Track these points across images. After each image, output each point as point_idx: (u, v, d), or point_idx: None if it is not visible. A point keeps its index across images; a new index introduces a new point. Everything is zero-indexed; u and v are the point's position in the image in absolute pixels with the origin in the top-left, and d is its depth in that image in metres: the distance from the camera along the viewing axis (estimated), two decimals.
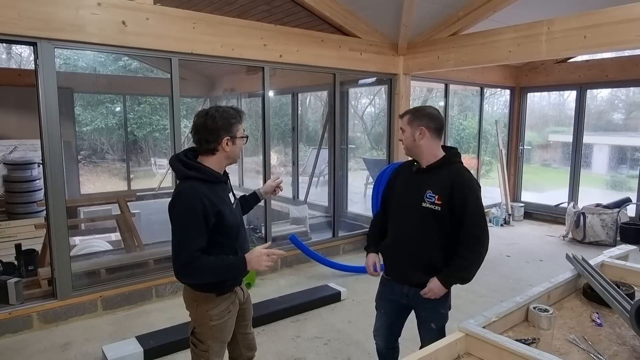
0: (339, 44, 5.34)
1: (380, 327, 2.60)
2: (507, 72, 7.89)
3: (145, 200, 9.02)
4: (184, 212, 1.94)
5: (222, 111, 2.04)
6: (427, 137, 2.23)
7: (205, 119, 2.01)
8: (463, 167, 2.29)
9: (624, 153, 11.64)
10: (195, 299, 2.09)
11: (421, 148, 2.26)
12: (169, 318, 3.92)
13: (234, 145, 2.06)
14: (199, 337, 2.13)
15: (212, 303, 2.07)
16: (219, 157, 2.06)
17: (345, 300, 4.38)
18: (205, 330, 2.10)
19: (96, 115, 13.42)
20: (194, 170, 2.01)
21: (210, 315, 2.07)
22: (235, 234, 2.12)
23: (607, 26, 4.02)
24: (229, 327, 2.18)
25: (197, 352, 2.16)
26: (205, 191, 1.98)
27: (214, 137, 2.01)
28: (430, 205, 2.21)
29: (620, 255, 2.96)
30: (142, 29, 3.89)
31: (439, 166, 2.26)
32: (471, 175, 2.29)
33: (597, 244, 6.27)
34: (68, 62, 11.78)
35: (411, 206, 2.28)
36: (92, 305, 3.98)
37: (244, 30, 4.52)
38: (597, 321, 2.14)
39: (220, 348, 2.18)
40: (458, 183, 2.19)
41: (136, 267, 4.50)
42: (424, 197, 2.23)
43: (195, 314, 2.13)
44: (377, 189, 5.76)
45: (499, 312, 2.03)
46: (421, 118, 2.25)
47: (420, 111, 2.28)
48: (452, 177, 2.21)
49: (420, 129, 2.23)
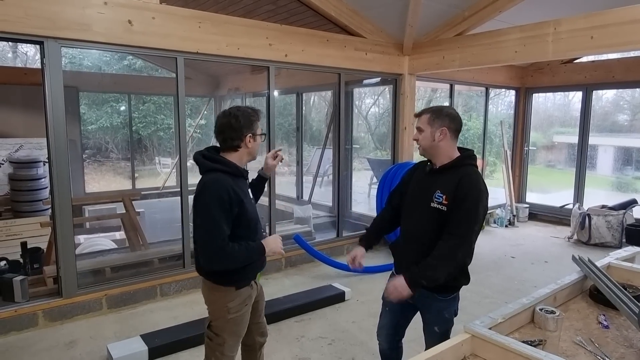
0: (344, 44, 5.34)
1: (384, 326, 2.56)
2: (512, 73, 7.86)
3: (150, 199, 9.06)
4: (212, 201, 2.03)
5: (242, 110, 2.19)
6: (447, 138, 2.21)
7: (229, 118, 2.16)
8: (474, 170, 2.24)
9: (630, 154, 11.57)
10: (215, 293, 2.19)
11: (440, 149, 2.23)
12: (173, 317, 3.93)
13: (255, 142, 2.21)
14: (215, 331, 2.22)
15: (231, 296, 2.17)
16: (241, 153, 2.20)
17: (349, 300, 4.37)
18: (223, 324, 2.21)
19: (101, 114, 13.47)
20: (219, 163, 2.14)
21: (228, 308, 2.17)
22: (254, 227, 2.23)
23: (614, 27, 4.00)
24: (245, 320, 2.28)
25: (212, 346, 2.24)
26: (229, 182, 2.10)
27: (237, 135, 2.16)
28: (438, 206, 2.19)
29: (626, 257, 2.95)
30: (148, 28, 3.90)
31: (451, 167, 2.22)
32: (480, 179, 2.21)
33: (603, 245, 6.24)
34: (73, 61, 11.82)
35: (421, 206, 2.26)
36: (97, 303, 3.99)
37: (249, 29, 4.53)
38: (603, 323, 2.13)
39: (235, 343, 2.27)
40: (462, 184, 2.15)
41: (141, 266, 4.51)
42: (433, 197, 2.21)
43: (213, 307, 2.23)
44: (381, 189, 5.75)
45: (505, 313, 2.02)
46: (443, 118, 2.21)
47: (442, 111, 2.23)
48: (460, 177, 2.16)
49: (442, 129, 2.19)
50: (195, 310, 4.06)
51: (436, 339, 2.25)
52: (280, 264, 5.18)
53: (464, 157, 2.25)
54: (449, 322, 2.39)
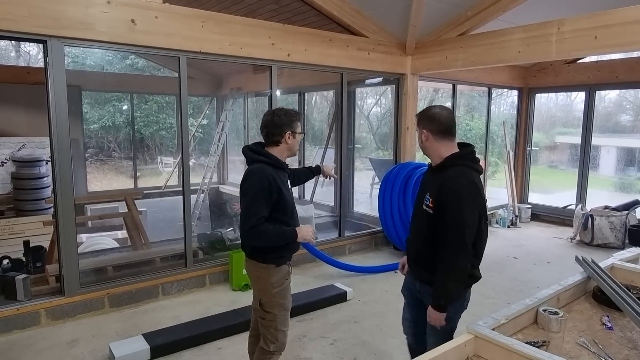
0: (346, 44, 5.33)
1: (406, 320, 2.63)
2: (515, 73, 7.84)
3: (152, 198, 9.06)
4: (254, 185, 2.35)
5: (285, 110, 2.51)
6: (430, 139, 2.24)
7: (273, 116, 2.48)
8: (460, 170, 2.17)
9: (633, 155, 11.53)
10: (259, 270, 2.48)
11: (428, 149, 2.28)
12: (175, 316, 3.93)
13: (294, 139, 2.50)
14: (265, 308, 2.50)
15: (272, 272, 2.46)
16: (281, 148, 2.49)
17: (351, 300, 4.37)
18: (270, 299, 2.49)
19: (103, 113, 13.48)
20: (263, 156, 2.44)
21: (272, 282, 2.46)
22: (291, 213, 2.51)
23: (618, 27, 3.98)
24: (289, 293, 2.58)
25: (266, 324, 2.52)
26: (271, 172, 2.40)
27: (278, 131, 2.45)
28: (427, 209, 2.23)
29: (630, 258, 2.94)
30: (151, 27, 3.90)
31: (440, 168, 2.23)
32: (461, 181, 2.13)
33: (605, 246, 6.22)
34: (76, 61, 11.84)
35: (418, 206, 2.34)
36: (99, 302, 4.00)
37: (252, 29, 4.53)
38: (607, 324, 2.12)
39: (285, 316, 2.56)
40: (444, 188, 2.14)
41: (143, 265, 4.51)
42: (424, 200, 2.26)
43: (259, 285, 2.52)
44: (383, 189, 5.74)
45: (508, 314, 2.01)
46: (423, 120, 2.26)
47: (423, 113, 2.29)
48: (444, 181, 2.15)
49: (423, 132, 2.26)
50: (197, 309, 4.07)
51: (438, 335, 2.26)
52: None
53: (452, 158, 2.21)
54: (453, 320, 2.36)
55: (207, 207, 9.19)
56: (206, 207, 9.14)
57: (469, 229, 2.13)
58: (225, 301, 4.25)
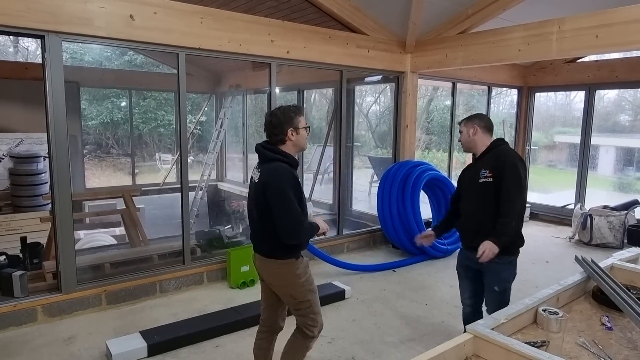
0: (346, 41, 5.31)
1: (465, 292, 3.14)
2: (515, 72, 7.83)
3: (150, 195, 9.04)
4: (286, 185, 2.38)
5: (282, 109, 2.52)
6: (479, 133, 2.91)
7: (270, 117, 2.50)
8: (507, 147, 2.90)
9: (632, 155, 11.52)
10: (281, 266, 2.52)
11: (475, 142, 2.92)
12: (173, 313, 3.91)
13: (298, 134, 2.50)
14: (299, 299, 2.56)
15: (295, 265, 2.54)
16: (288, 145, 2.50)
17: (349, 298, 4.36)
18: (300, 289, 2.55)
19: (102, 110, 13.44)
20: (280, 154, 2.47)
21: (298, 274, 2.53)
22: (305, 210, 2.53)
23: (619, 26, 3.97)
24: (313, 279, 2.66)
25: (303, 312, 2.59)
26: (292, 170, 2.47)
27: (279, 130, 2.47)
28: (485, 179, 2.81)
29: (629, 258, 2.93)
30: (150, 23, 3.88)
31: (488, 151, 2.90)
32: (513, 152, 2.91)
33: (604, 246, 6.22)
34: (75, 56, 11.80)
35: (471, 186, 2.92)
36: (97, 299, 3.98)
37: (251, 25, 4.50)
38: (607, 325, 2.11)
39: (317, 299, 2.65)
40: (500, 158, 2.81)
41: (140, 262, 4.49)
42: (480, 175, 2.84)
43: (285, 280, 2.55)
44: (382, 187, 5.73)
45: (507, 314, 2.00)
46: (473, 119, 2.96)
47: (472, 115, 3.00)
48: (497, 154, 2.85)
49: (473, 127, 2.92)
50: (195, 307, 4.06)
51: (496, 297, 2.87)
52: None
53: (496, 141, 2.93)
54: (505, 282, 2.91)
55: (205, 204, 9.18)
56: (204, 204, 9.12)
57: (522, 181, 2.77)
58: (223, 299, 4.24)
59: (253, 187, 2.54)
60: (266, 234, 2.50)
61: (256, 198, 2.48)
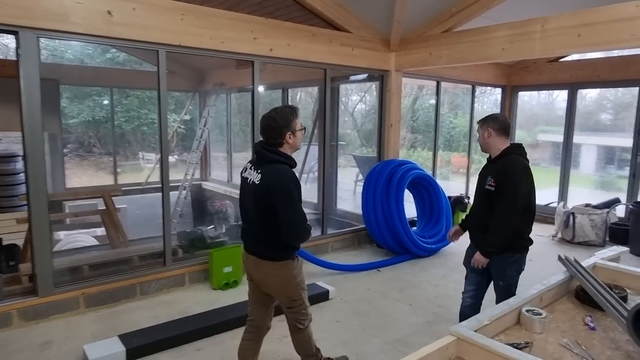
0: (330, 39, 5.26)
1: (469, 284, 3.20)
2: (498, 71, 7.87)
3: (132, 195, 8.89)
4: (292, 186, 2.43)
5: (280, 112, 2.52)
6: (493, 135, 2.93)
7: (269, 121, 2.49)
8: (516, 157, 2.88)
9: (612, 153, 11.71)
10: (279, 268, 2.56)
11: (489, 144, 2.96)
12: (153, 316, 3.83)
13: (295, 137, 2.54)
14: (293, 297, 2.63)
15: (292, 265, 2.59)
16: (285, 148, 2.53)
17: (333, 299, 4.31)
18: (295, 288, 2.62)
19: (83, 108, 13.20)
20: (281, 156, 2.49)
21: (294, 275, 2.60)
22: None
23: (601, 25, 3.99)
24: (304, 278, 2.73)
25: (295, 309, 2.66)
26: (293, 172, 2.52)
27: (278, 134, 2.48)
28: (489, 187, 2.89)
29: (612, 257, 2.94)
30: (129, 19, 3.78)
31: (499, 157, 2.92)
32: (519, 164, 2.86)
33: (587, 244, 6.28)
34: (55, 54, 11.55)
35: (480, 190, 3.00)
36: (74, 302, 3.87)
37: (233, 23, 4.43)
38: (590, 325, 2.11)
39: (306, 295, 2.72)
40: (503, 167, 2.85)
41: (120, 264, 4.39)
42: (486, 182, 2.92)
43: (282, 281, 2.59)
44: (367, 187, 5.70)
45: (491, 315, 1.99)
46: (487, 121, 2.96)
47: (489, 116, 2.99)
48: (504, 164, 2.87)
49: (487, 129, 2.94)
50: (176, 309, 3.98)
51: (500, 291, 2.99)
52: None
53: (509, 148, 2.94)
54: (510, 278, 2.98)
55: (189, 204, 9.06)
56: (188, 204, 9.00)
57: (519, 199, 2.79)
58: (205, 301, 4.16)
59: (251, 188, 2.49)
60: (264, 236, 2.51)
61: (255, 199, 2.47)
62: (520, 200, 2.80)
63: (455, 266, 5.39)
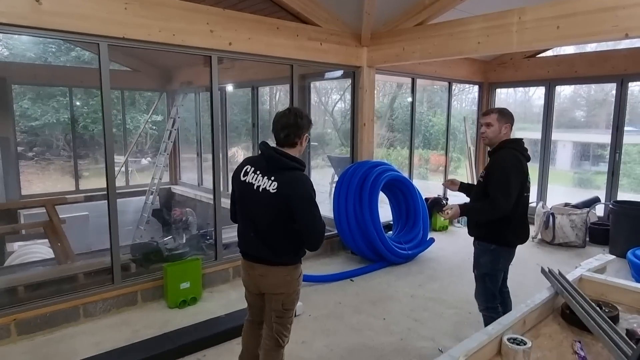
0: (296, 33, 4.91)
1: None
2: (475, 67, 7.64)
3: (96, 201, 8.37)
4: (313, 194, 2.35)
5: (303, 112, 2.47)
6: (508, 131, 3.02)
7: (296, 117, 2.39)
8: (508, 150, 2.95)
9: (587, 149, 11.69)
10: (289, 273, 2.47)
11: (499, 139, 3.01)
12: (96, 343, 3.40)
13: (306, 142, 2.49)
14: (287, 307, 2.52)
15: (299, 269, 2.55)
16: (296, 150, 2.45)
17: (300, 315, 3.93)
18: (293, 297, 2.54)
19: (47, 109, 12.59)
20: (296, 162, 2.39)
21: (298, 280, 2.54)
22: None
23: (581, 15, 3.73)
24: None
25: (284, 321, 2.54)
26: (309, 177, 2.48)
27: (299, 133, 2.40)
28: (480, 179, 3.04)
29: (598, 267, 2.72)
30: (61, 7, 3.35)
31: (495, 151, 3.03)
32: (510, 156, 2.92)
33: (567, 245, 6.07)
34: (13, 51, 10.93)
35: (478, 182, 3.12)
36: (4, 330, 3.40)
37: (186, 13, 4.03)
38: (580, 353, 1.84)
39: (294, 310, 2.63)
40: (492, 160, 2.99)
41: (63, 283, 3.93)
42: (480, 174, 3.11)
43: (288, 288, 2.49)
44: (339, 188, 5.36)
45: (467, 348, 1.69)
46: (508, 117, 3.02)
47: (506, 112, 3.04)
48: (496, 156, 2.97)
49: (507, 125, 3.00)
50: (124, 333, 3.55)
51: (477, 280, 3.16)
52: (227, 275, 4.71)
53: (503, 142, 3.00)
54: (483, 266, 3.08)
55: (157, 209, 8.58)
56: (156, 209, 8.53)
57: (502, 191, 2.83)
58: (158, 322, 3.75)
59: (262, 196, 2.34)
60: (277, 242, 2.41)
61: (268, 208, 2.35)
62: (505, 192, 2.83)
63: (433, 273, 5.10)
